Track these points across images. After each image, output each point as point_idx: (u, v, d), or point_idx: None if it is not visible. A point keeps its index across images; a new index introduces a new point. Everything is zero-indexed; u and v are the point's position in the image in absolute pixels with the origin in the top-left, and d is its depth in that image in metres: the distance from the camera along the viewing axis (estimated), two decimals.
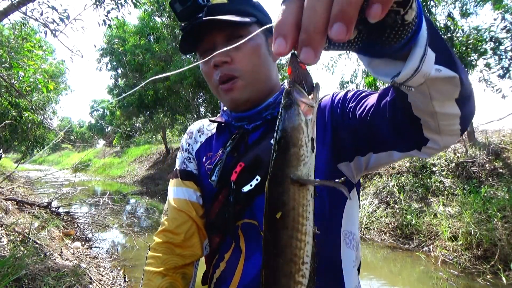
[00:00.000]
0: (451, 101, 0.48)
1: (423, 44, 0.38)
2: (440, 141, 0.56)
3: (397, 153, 0.66)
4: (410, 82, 0.41)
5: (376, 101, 0.63)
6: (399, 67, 0.41)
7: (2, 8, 3.63)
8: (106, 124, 23.06)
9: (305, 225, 0.37)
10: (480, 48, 5.18)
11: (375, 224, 5.44)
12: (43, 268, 2.80)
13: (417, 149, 0.61)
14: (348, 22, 0.28)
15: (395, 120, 0.58)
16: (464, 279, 3.72)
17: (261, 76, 0.82)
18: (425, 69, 0.40)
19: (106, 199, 5.90)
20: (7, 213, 4.27)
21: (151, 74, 12.08)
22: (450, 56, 0.44)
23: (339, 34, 0.28)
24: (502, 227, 3.98)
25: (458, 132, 0.55)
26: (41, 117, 8.38)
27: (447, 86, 0.46)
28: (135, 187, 13.01)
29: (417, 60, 0.39)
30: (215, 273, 0.83)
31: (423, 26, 0.38)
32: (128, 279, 3.68)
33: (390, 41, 0.36)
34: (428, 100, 0.48)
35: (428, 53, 0.39)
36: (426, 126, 0.54)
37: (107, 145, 26.50)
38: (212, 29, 0.77)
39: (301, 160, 0.36)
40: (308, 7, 0.30)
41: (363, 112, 0.66)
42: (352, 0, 0.28)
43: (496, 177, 4.96)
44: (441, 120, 0.51)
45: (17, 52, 5.64)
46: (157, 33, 12.67)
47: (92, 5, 4.56)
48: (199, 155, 0.92)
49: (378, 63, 0.43)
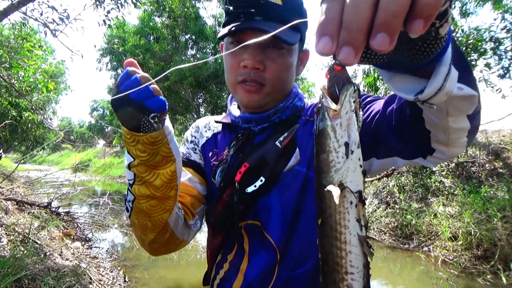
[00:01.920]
0: (464, 117, 0.49)
1: (447, 62, 0.38)
2: (447, 152, 0.57)
3: (401, 159, 0.66)
4: (432, 100, 0.41)
5: (382, 108, 0.63)
6: (420, 84, 0.41)
7: (2, 8, 3.63)
8: (106, 124, 23.07)
9: (344, 234, 0.35)
10: (480, 48, 5.18)
11: (375, 224, 5.44)
12: (43, 268, 2.80)
13: (422, 157, 0.61)
14: (393, 33, 0.28)
15: (402, 129, 0.58)
16: (464, 279, 3.72)
17: (284, 89, 0.82)
18: (449, 88, 0.39)
19: (106, 199, 5.90)
20: (7, 213, 4.27)
21: (151, 74, 12.03)
22: (471, 74, 0.45)
23: (382, 45, 0.28)
24: (502, 227, 3.98)
25: (465, 144, 0.55)
26: (41, 117, 8.38)
27: (464, 103, 0.46)
28: None
29: (442, 78, 0.38)
30: (218, 273, 0.83)
31: (450, 43, 0.37)
32: (128, 279, 3.68)
33: (419, 54, 0.35)
34: (444, 116, 0.48)
35: (452, 71, 0.39)
36: (435, 138, 0.55)
37: (107, 145, 26.51)
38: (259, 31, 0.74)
39: (331, 166, 0.35)
40: (351, 5, 0.29)
41: (368, 117, 0.66)
42: (398, 12, 0.27)
43: (496, 177, 4.96)
44: (451, 134, 0.52)
45: (17, 52, 5.64)
46: (157, 33, 12.68)
47: (92, 5, 4.56)
48: (205, 149, 0.91)
49: (399, 79, 0.43)
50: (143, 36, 12.78)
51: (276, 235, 0.75)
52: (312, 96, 12.13)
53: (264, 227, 0.77)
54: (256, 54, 0.74)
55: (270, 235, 0.76)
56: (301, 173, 0.76)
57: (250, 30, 0.74)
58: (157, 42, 12.54)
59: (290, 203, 0.75)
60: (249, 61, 0.73)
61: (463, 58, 0.43)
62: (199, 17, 12.24)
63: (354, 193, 0.35)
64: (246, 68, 0.75)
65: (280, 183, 0.76)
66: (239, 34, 0.76)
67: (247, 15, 0.74)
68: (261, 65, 0.74)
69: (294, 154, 0.77)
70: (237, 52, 0.76)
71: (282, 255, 0.75)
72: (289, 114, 0.83)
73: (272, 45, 0.75)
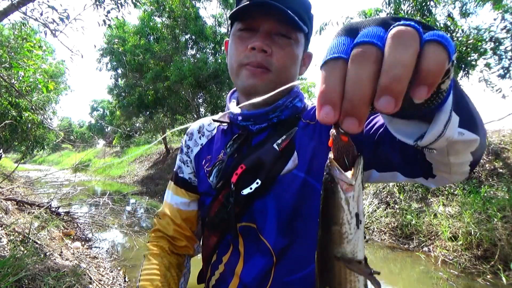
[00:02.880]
0: (466, 153, 0.48)
1: (448, 109, 0.37)
2: (449, 179, 0.56)
3: (402, 176, 0.65)
4: (432, 146, 0.40)
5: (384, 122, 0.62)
6: (421, 129, 0.40)
7: (2, 8, 3.63)
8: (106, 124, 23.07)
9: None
10: (480, 48, 5.18)
11: (375, 224, 5.45)
12: (43, 268, 2.79)
13: (423, 178, 0.60)
14: (397, 97, 0.27)
15: (405, 148, 0.56)
16: (464, 279, 3.72)
17: (286, 82, 0.79)
18: (449, 134, 0.38)
19: (106, 199, 5.90)
20: (7, 213, 4.27)
21: (151, 74, 12.08)
22: (472, 117, 0.43)
23: (387, 108, 0.27)
24: (502, 227, 3.98)
25: (468, 172, 0.54)
26: (41, 117, 8.38)
27: (466, 146, 0.45)
28: (135, 187, 13.00)
29: (442, 125, 0.37)
30: (214, 275, 0.83)
31: (451, 91, 0.36)
32: (128, 279, 3.68)
33: (420, 106, 0.34)
34: (444, 155, 0.47)
35: (452, 118, 0.38)
36: (437, 168, 0.54)
37: (107, 145, 26.51)
38: (268, 14, 0.74)
39: (344, 237, 0.35)
40: (352, 75, 0.28)
41: (371, 129, 0.65)
42: (402, 78, 0.26)
43: (496, 177, 4.96)
44: (453, 167, 0.51)
45: (17, 52, 5.64)
46: (157, 33, 12.67)
47: (92, 5, 4.56)
48: (198, 158, 0.91)
49: (399, 123, 0.42)
50: (143, 36, 12.77)
51: (272, 238, 0.75)
52: (312, 96, 12.09)
53: (259, 230, 0.76)
54: (265, 38, 0.74)
55: (266, 238, 0.75)
56: (298, 177, 0.74)
57: (260, 16, 0.74)
58: (157, 42, 12.53)
59: (287, 207, 0.74)
60: (258, 43, 0.72)
61: (463, 100, 0.41)
62: (199, 17, 12.23)
63: (362, 261, 0.36)
64: (253, 51, 0.73)
65: (276, 187, 0.75)
66: (250, 19, 0.76)
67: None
68: (268, 48, 0.73)
69: (292, 158, 0.76)
70: (245, 37, 0.76)
71: (278, 259, 0.74)
72: (288, 114, 0.81)
73: (278, 32, 0.75)
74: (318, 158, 0.75)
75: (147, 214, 7.31)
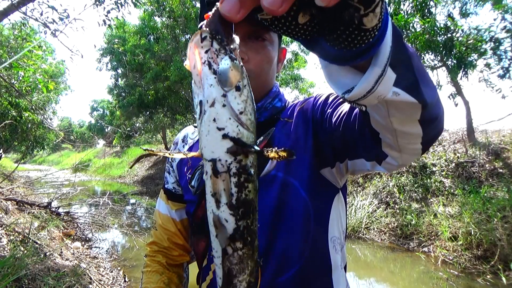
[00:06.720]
0: (413, 122, 0.44)
1: (382, 63, 0.33)
2: (399, 159, 0.55)
3: (367, 162, 0.64)
4: (361, 102, 0.37)
5: (349, 109, 0.62)
6: (355, 80, 0.36)
7: (2, 8, 3.63)
8: (106, 124, 23.06)
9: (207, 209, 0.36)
10: (480, 48, 5.18)
11: (375, 224, 5.44)
12: (43, 268, 2.79)
13: (377, 162, 0.60)
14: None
15: (361, 130, 0.57)
16: (464, 279, 3.72)
17: (265, 84, 0.80)
18: (381, 91, 0.35)
19: (106, 199, 5.89)
20: (7, 213, 4.27)
21: (151, 74, 12.08)
22: (416, 80, 0.39)
23: (272, 4, 0.25)
24: (502, 227, 3.98)
25: (419, 152, 0.52)
26: (41, 117, 8.37)
27: (407, 108, 0.42)
28: (135, 187, 13.00)
29: (373, 80, 0.34)
30: (204, 280, 0.83)
31: (385, 40, 0.32)
32: (128, 279, 3.68)
33: (342, 42, 0.30)
34: (386, 115, 0.44)
35: (388, 74, 0.35)
36: (385, 142, 0.52)
37: (107, 145, 26.49)
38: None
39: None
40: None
41: (338, 119, 0.65)
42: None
43: (496, 177, 4.95)
44: (400, 138, 0.48)
45: (17, 52, 5.64)
46: (157, 33, 12.67)
47: (92, 5, 4.56)
48: (181, 165, 0.91)
49: (335, 69, 0.38)
50: (143, 36, 12.77)
51: None
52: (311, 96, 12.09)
53: None
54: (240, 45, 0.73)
55: None
56: (277, 177, 0.74)
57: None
58: (157, 42, 12.53)
59: (267, 209, 0.73)
60: None
61: (410, 60, 0.38)
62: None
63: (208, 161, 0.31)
64: None
65: None
66: None
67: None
68: (245, 56, 0.71)
69: None
70: None
71: (264, 259, 0.74)
72: (267, 116, 0.81)
73: (252, 35, 0.73)
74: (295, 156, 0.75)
75: (147, 214, 7.31)
